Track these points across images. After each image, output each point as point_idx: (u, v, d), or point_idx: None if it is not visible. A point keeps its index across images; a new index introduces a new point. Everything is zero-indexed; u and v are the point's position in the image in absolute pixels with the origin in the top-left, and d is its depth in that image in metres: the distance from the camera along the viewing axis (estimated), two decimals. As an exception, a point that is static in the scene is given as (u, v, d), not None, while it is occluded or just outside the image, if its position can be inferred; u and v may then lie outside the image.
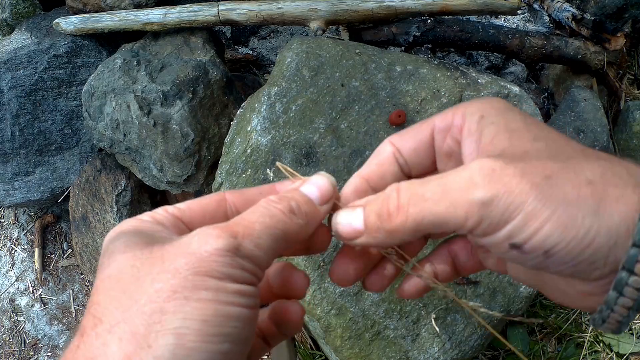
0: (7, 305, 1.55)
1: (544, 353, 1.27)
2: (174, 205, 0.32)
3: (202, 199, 0.33)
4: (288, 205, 0.30)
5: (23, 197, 1.44)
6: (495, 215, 0.26)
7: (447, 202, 0.27)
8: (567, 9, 1.46)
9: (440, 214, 0.27)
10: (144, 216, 0.31)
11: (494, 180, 0.26)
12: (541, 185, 0.25)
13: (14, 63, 1.39)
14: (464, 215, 0.27)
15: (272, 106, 1.07)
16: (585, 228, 0.25)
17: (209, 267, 0.26)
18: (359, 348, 0.98)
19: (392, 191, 0.30)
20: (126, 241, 0.28)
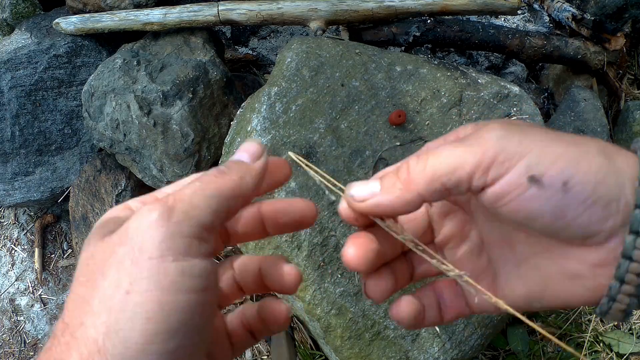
0: (7, 305, 1.55)
1: (544, 353, 1.27)
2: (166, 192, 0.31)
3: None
4: (215, 170, 0.30)
5: (23, 197, 1.44)
6: (510, 150, 0.27)
7: (464, 145, 0.28)
8: (567, 9, 1.46)
9: (458, 154, 0.28)
10: (133, 202, 0.30)
11: (508, 126, 0.28)
12: (550, 134, 0.28)
13: (14, 63, 1.39)
14: (481, 151, 0.27)
15: (272, 106, 1.07)
16: (597, 165, 0.26)
17: (145, 247, 0.24)
18: (359, 348, 0.98)
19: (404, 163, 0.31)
20: (94, 232, 0.27)
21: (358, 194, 0.31)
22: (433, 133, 1.07)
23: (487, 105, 1.11)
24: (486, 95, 1.12)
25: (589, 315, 1.31)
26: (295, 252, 1.00)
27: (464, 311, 0.35)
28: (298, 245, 1.00)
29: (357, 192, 0.31)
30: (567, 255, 0.29)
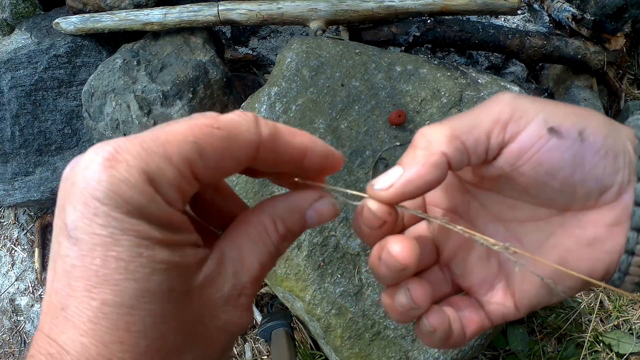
0: (7, 305, 1.55)
1: (544, 353, 1.27)
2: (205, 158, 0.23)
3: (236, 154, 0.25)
4: (288, 246, 0.28)
5: (23, 197, 1.44)
6: (525, 107, 0.28)
7: (478, 109, 0.29)
8: (567, 9, 1.46)
9: (474, 115, 0.29)
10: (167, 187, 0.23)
11: (517, 94, 0.29)
12: (555, 102, 0.29)
13: (14, 63, 1.39)
14: (497, 110, 0.28)
15: (272, 106, 1.07)
16: (603, 121, 0.28)
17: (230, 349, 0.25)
18: (359, 348, 0.98)
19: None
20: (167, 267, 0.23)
21: (382, 184, 0.29)
22: (433, 133, 1.07)
23: (487, 105, 1.11)
24: (486, 96, 1.12)
25: (589, 315, 1.32)
26: (295, 252, 1.00)
27: (485, 323, 0.34)
28: (298, 245, 1.00)
29: (381, 184, 0.29)
30: (582, 223, 0.29)
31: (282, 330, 1.14)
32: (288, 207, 0.28)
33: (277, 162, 0.27)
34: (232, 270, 0.24)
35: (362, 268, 1.00)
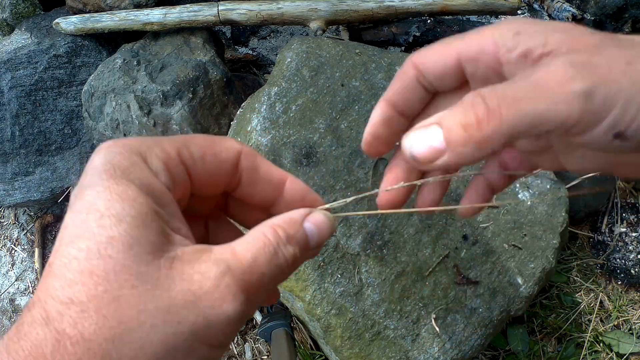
0: (7, 305, 1.55)
1: (544, 353, 1.27)
2: (189, 149, 0.27)
3: (218, 153, 0.29)
4: (293, 255, 0.27)
5: (23, 197, 1.44)
6: (597, 106, 0.25)
7: (546, 99, 0.25)
8: (567, 9, 1.46)
9: (539, 111, 0.25)
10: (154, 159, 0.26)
11: (589, 71, 0.25)
12: (628, 71, 0.25)
13: (14, 63, 1.39)
14: (567, 109, 0.25)
15: (272, 106, 1.07)
16: None
17: (212, 335, 0.23)
18: (359, 348, 0.98)
19: (476, 97, 0.26)
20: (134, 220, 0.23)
21: (421, 153, 0.26)
22: (433, 133, 1.07)
23: (487, 105, 1.11)
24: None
25: (589, 315, 1.32)
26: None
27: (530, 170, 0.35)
28: (298, 245, 1.00)
29: (420, 152, 0.26)
30: None
31: (282, 330, 1.14)
32: (285, 218, 0.29)
33: (258, 184, 0.30)
34: (218, 255, 0.25)
35: (362, 268, 1.00)
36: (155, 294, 0.22)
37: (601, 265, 1.38)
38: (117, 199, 0.23)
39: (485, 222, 1.04)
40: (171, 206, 0.26)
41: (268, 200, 0.32)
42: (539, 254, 1.04)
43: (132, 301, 0.22)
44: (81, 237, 0.22)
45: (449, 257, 1.01)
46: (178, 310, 0.22)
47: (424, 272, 1.00)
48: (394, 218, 1.02)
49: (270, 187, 0.31)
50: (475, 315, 1.00)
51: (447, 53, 0.30)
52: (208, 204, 0.33)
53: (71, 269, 0.22)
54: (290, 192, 0.32)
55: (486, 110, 0.25)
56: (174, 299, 0.22)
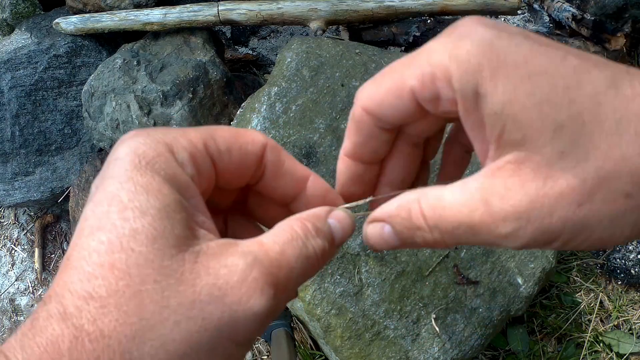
0: (7, 305, 1.55)
1: (544, 353, 1.27)
2: (216, 140, 0.27)
3: (244, 145, 0.28)
4: (322, 247, 0.26)
5: (23, 197, 1.44)
6: (533, 248, 0.24)
7: (482, 242, 0.25)
8: (567, 9, 1.46)
9: (480, 244, 0.25)
10: (181, 150, 0.25)
11: (524, 228, 0.23)
12: (574, 219, 0.22)
13: (14, 63, 1.39)
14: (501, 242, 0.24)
15: (272, 106, 1.07)
16: (626, 235, 0.23)
17: (238, 332, 0.22)
18: (359, 348, 0.98)
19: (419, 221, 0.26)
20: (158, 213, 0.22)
21: (381, 247, 0.29)
22: (433, 133, 1.07)
23: (487, 105, 1.11)
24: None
25: (589, 315, 1.32)
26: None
27: None
28: (298, 245, 1.00)
29: (380, 246, 0.29)
30: None
31: (282, 330, 1.14)
32: (309, 213, 0.28)
33: (281, 178, 0.29)
34: (245, 248, 0.24)
35: (362, 268, 1.00)
36: (179, 290, 0.21)
37: (601, 265, 1.38)
38: (141, 190, 0.22)
39: (485, 222, 1.04)
40: (196, 199, 0.25)
41: (289, 196, 0.31)
42: (539, 254, 1.04)
43: (154, 297, 0.21)
44: (102, 229, 0.21)
45: (449, 257, 1.01)
46: (203, 306, 0.21)
47: (424, 272, 1.00)
48: (394, 218, 1.02)
49: (292, 182, 0.30)
50: (475, 315, 1.00)
51: (402, 94, 0.26)
52: (229, 197, 0.32)
53: (90, 262, 0.21)
54: (312, 190, 0.31)
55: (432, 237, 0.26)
56: (198, 294, 0.21)
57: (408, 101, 0.26)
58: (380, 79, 0.27)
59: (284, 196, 0.31)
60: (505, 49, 0.22)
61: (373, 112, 0.28)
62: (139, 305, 0.21)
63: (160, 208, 0.22)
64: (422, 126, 0.29)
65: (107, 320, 0.20)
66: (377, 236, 0.28)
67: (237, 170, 0.28)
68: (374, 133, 0.29)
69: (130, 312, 0.20)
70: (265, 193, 0.31)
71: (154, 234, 0.21)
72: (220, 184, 0.28)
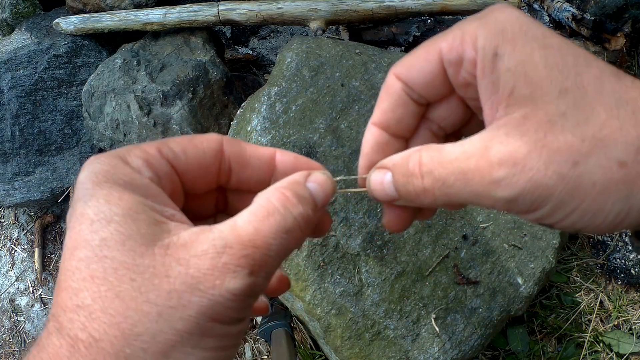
0: (7, 305, 1.55)
1: (544, 353, 1.27)
2: (169, 145, 0.28)
3: (198, 144, 0.29)
4: (305, 214, 0.26)
5: (23, 197, 1.44)
6: (522, 207, 0.25)
7: (471, 193, 0.26)
8: (567, 9, 1.46)
9: (467, 199, 0.26)
10: (134, 159, 0.26)
11: (518, 175, 0.24)
12: (568, 176, 0.23)
13: (14, 63, 1.39)
14: (491, 204, 0.25)
15: (272, 106, 1.07)
16: (615, 212, 0.23)
17: (221, 313, 0.23)
18: (359, 348, 0.98)
19: (415, 167, 0.27)
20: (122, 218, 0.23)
21: (380, 196, 0.30)
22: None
23: (487, 105, 1.11)
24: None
25: (589, 315, 1.32)
26: (295, 252, 1.00)
27: None
28: (298, 245, 1.00)
29: (379, 195, 0.30)
30: None
31: (282, 330, 1.14)
32: (288, 180, 0.28)
33: (248, 165, 0.30)
34: (215, 234, 0.24)
35: (362, 268, 1.00)
36: (154, 283, 0.22)
37: (601, 265, 1.38)
38: (103, 202, 0.23)
39: (485, 222, 1.04)
40: (160, 196, 0.26)
41: (264, 181, 0.31)
42: (539, 254, 1.04)
43: (133, 294, 0.22)
44: (78, 247, 0.23)
45: (449, 257, 1.01)
46: (180, 294, 0.22)
47: (424, 272, 1.00)
48: (394, 218, 1.02)
49: (261, 165, 0.31)
50: (475, 315, 1.00)
51: (430, 57, 0.28)
52: (207, 204, 0.33)
53: (75, 278, 0.22)
54: (283, 164, 0.31)
55: (422, 188, 0.27)
56: (173, 284, 0.22)
57: (435, 65, 0.28)
58: (416, 50, 0.29)
59: (260, 183, 0.31)
60: (527, 24, 0.25)
61: (403, 77, 0.29)
62: (121, 305, 0.22)
63: (124, 213, 0.23)
64: (444, 112, 0.31)
65: (96, 325, 0.22)
66: (379, 183, 0.30)
67: (199, 169, 0.29)
68: (402, 100, 0.30)
69: (115, 313, 0.22)
70: (242, 188, 0.32)
71: (121, 237, 0.23)
72: (190, 187, 0.29)
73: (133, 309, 0.22)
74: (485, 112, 0.26)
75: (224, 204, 0.34)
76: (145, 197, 0.25)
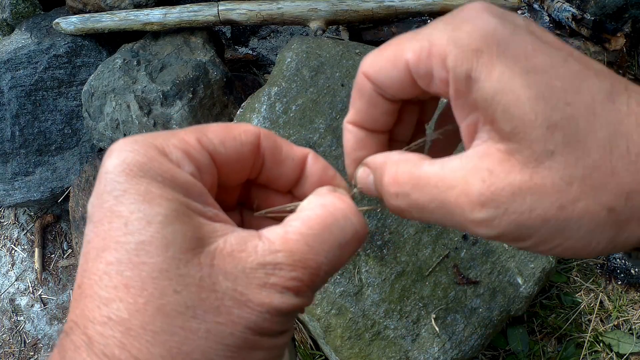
0: (7, 305, 1.55)
1: (544, 353, 1.27)
2: (207, 135, 0.25)
3: (237, 136, 0.26)
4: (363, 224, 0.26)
5: (23, 197, 1.44)
6: (503, 240, 0.24)
7: (452, 223, 0.24)
8: (567, 9, 1.46)
9: (447, 226, 0.25)
10: (173, 149, 0.23)
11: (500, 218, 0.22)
12: (553, 219, 0.22)
13: (14, 63, 1.39)
14: (473, 234, 0.24)
15: (272, 106, 1.07)
16: (600, 248, 0.22)
17: (268, 328, 0.22)
18: (359, 348, 0.98)
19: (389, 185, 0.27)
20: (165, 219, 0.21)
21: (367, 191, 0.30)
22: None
23: (487, 105, 1.11)
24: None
25: (589, 315, 1.32)
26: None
27: None
28: (298, 245, 1.00)
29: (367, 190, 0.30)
30: None
31: (282, 330, 1.14)
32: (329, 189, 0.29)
33: (281, 163, 0.29)
34: (266, 245, 0.22)
35: (362, 268, 1.00)
36: (201, 297, 0.20)
37: (601, 265, 1.38)
38: (141, 199, 0.21)
39: (485, 222, 1.04)
40: (203, 195, 0.23)
41: (291, 181, 0.30)
42: (539, 254, 1.04)
43: (178, 309, 0.20)
44: (107, 249, 0.20)
45: (449, 257, 1.01)
46: (228, 310, 0.21)
47: (424, 272, 1.00)
48: (394, 218, 1.02)
49: (294, 165, 0.29)
50: (475, 315, 1.00)
51: (398, 64, 0.26)
52: (232, 195, 0.31)
53: (103, 285, 0.20)
54: (311, 170, 0.30)
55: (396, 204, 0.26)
56: (221, 299, 0.21)
57: (403, 73, 0.26)
58: (384, 48, 0.27)
59: (287, 182, 0.30)
60: (507, 40, 0.22)
61: (372, 79, 0.28)
62: (164, 321, 0.20)
63: (167, 214, 0.21)
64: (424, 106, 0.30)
65: (137, 343, 0.19)
66: (363, 181, 0.30)
67: (236, 163, 0.27)
68: (374, 101, 0.29)
69: (159, 330, 0.19)
70: (268, 184, 0.30)
71: (164, 242, 0.20)
72: (222, 180, 0.27)
73: (179, 325, 0.20)
74: (463, 130, 0.25)
75: (247, 198, 0.32)
76: (187, 195, 0.22)
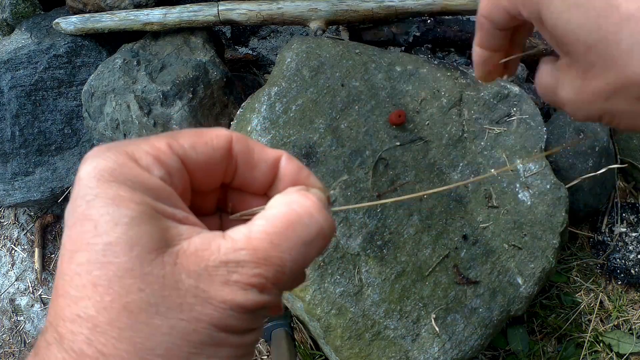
0: (7, 305, 1.55)
1: (544, 353, 1.27)
2: (178, 140, 0.26)
3: (208, 141, 0.27)
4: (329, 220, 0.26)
5: (23, 197, 1.44)
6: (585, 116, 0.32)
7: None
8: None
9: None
10: (144, 155, 0.24)
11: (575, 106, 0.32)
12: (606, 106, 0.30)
13: (14, 63, 1.39)
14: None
15: (272, 106, 1.07)
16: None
17: (233, 325, 0.22)
18: (359, 348, 0.98)
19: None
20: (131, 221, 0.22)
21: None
22: (433, 133, 1.07)
23: (487, 105, 1.11)
24: (486, 95, 1.12)
25: (589, 315, 1.32)
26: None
27: None
28: (298, 245, 1.00)
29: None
30: None
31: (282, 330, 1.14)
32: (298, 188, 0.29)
33: (255, 166, 0.29)
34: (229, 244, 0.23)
35: (362, 268, 1.00)
36: (163, 295, 0.21)
37: (601, 265, 1.38)
38: (110, 203, 0.22)
39: (485, 222, 1.04)
40: (172, 198, 0.24)
41: (266, 183, 0.30)
42: (539, 254, 1.04)
43: (142, 306, 0.21)
44: (78, 250, 0.21)
45: (449, 257, 1.01)
46: (192, 307, 0.21)
47: (424, 272, 1.00)
48: (394, 218, 1.02)
49: (267, 169, 0.30)
50: (475, 315, 1.00)
51: (500, 7, 0.34)
52: (210, 201, 0.32)
53: (74, 285, 0.21)
54: (285, 171, 0.30)
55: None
56: (184, 296, 0.21)
57: (504, 13, 0.34)
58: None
59: (261, 185, 0.30)
60: None
61: (486, 18, 0.37)
62: (129, 318, 0.20)
63: (134, 216, 0.22)
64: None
65: (103, 339, 0.20)
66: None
67: (208, 167, 0.27)
68: (490, 32, 0.38)
69: (124, 327, 0.20)
70: (243, 188, 0.31)
71: (129, 242, 0.21)
72: (196, 185, 0.28)
73: (143, 322, 0.21)
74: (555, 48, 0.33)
75: (225, 202, 0.33)
76: (156, 198, 0.23)
